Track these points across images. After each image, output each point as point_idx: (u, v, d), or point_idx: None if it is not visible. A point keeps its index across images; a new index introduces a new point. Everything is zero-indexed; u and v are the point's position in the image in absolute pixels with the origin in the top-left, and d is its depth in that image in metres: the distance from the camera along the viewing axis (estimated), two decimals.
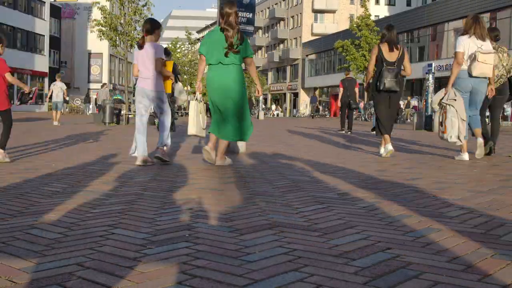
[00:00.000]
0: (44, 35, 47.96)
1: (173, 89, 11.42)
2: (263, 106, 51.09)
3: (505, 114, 28.54)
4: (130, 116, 19.52)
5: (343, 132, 15.17)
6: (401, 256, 2.26)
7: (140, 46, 5.93)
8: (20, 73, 43.97)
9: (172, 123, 12.42)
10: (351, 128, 15.29)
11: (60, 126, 16.84)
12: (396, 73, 6.96)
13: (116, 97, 26.07)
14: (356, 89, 15.60)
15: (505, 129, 22.42)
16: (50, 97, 19.15)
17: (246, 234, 2.64)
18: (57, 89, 18.76)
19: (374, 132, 8.65)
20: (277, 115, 56.46)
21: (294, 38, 64.69)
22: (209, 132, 5.89)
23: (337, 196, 3.83)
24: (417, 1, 57.89)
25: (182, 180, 4.63)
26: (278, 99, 68.29)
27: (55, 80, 19.41)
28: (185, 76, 48.26)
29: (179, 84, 12.14)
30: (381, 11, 57.40)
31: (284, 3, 67.86)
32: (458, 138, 6.61)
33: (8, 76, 5.97)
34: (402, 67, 7.14)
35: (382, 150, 7.21)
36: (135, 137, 5.94)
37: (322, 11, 62.79)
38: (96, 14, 23.72)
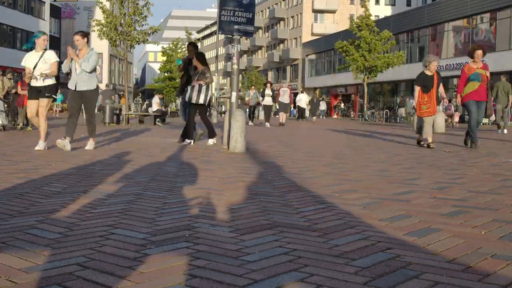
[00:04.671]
0: None
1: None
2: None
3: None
4: (130, 116, 19.51)
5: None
6: (401, 256, 2.26)
7: None
8: (20, 73, 43.93)
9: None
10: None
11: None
12: None
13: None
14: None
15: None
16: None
17: (246, 234, 2.64)
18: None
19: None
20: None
21: (294, 38, 64.66)
22: None
23: (337, 196, 3.83)
24: (417, 1, 57.90)
25: (182, 180, 4.63)
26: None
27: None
28: None
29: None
30: (381, 11, 57.37)
31: (284, 3, 67.82)
32: None
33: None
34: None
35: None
36: None
37: (322, 11, 62.75)
38: (98, 14, 23.73)
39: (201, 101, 8.82)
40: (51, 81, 7.66)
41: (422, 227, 2.84)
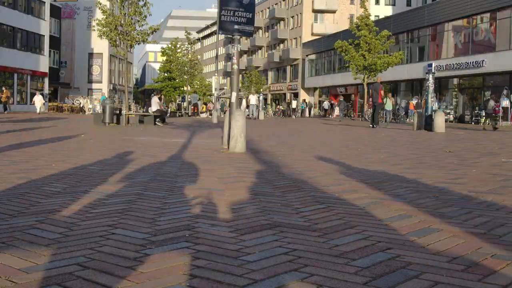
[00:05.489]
0: (44, 35, 47.94)
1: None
2: (264, 106, 51.06)
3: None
4: (130, 116, 19.51)
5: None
6: (401, 256, 2.26)
7: None
8: (20, 73, 43.93)
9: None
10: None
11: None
12: None
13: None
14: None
15: (505, 129, 22.41)
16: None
17: (246, 234, 2.64)
18: None
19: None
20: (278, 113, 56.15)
21: (294, 38, 64.63)
22: None
23: (337, 196, 3.83)
24: (417, 1, 57.89)
25: (182, 180, 4.63)
26: (278, 99, 68.37)
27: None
28: (185, 76, 48.24)
29: None
30: (381, 11, 57.35)
31: (284, 3, 67.79)
32: None
33: None
34: None
35: None
36: None
37: (322, 11, 62.71)
38: (99, 14, 23.74)
39: None
40: None
41: (422, 227, 2.84)
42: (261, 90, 57.49)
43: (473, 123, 31.29)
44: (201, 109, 43.78)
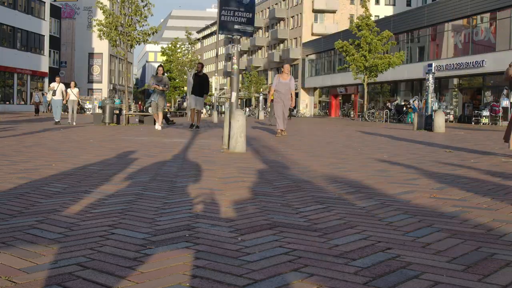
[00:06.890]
0: (44, 35, 47.97)
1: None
2: (264, 106, 51.04)
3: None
4: (130, 116, 19.51)
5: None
6: (401, 256, 2.26)
7: None
8: (20, 73, 43.94)
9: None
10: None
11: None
12: None
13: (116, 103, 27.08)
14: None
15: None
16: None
17: (246, 234, 2.64)
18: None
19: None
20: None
21: (294, 38, 64.65)
22: None
23: (337, 196, 3.83)
24: (417, 1, 57.89)
25: (182, 180, 4.63)
26: None
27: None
28: (185, 76, 48.29)
29: None
30: (381, 11, 57.38)
31: (284, 3, 67.82)
32: None
33: None
34: None
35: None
36: None
37: (322, 11, 62.74)
38: (99, 13, 23.74)
39: None
40: None
41: (422, 227, 2.84)
42: (261, 90, 57.46)
43: (473, 123, 31.29)
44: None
